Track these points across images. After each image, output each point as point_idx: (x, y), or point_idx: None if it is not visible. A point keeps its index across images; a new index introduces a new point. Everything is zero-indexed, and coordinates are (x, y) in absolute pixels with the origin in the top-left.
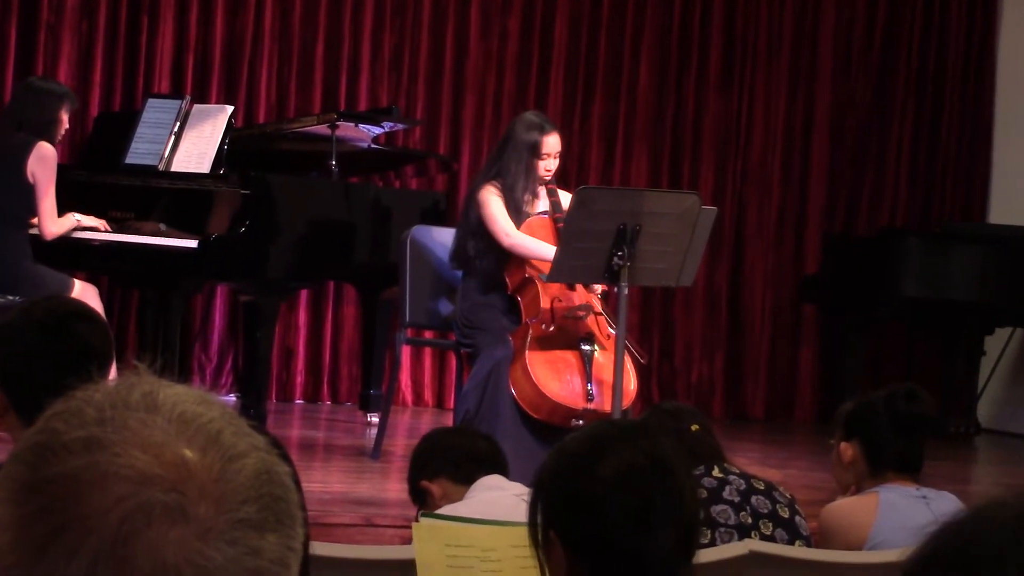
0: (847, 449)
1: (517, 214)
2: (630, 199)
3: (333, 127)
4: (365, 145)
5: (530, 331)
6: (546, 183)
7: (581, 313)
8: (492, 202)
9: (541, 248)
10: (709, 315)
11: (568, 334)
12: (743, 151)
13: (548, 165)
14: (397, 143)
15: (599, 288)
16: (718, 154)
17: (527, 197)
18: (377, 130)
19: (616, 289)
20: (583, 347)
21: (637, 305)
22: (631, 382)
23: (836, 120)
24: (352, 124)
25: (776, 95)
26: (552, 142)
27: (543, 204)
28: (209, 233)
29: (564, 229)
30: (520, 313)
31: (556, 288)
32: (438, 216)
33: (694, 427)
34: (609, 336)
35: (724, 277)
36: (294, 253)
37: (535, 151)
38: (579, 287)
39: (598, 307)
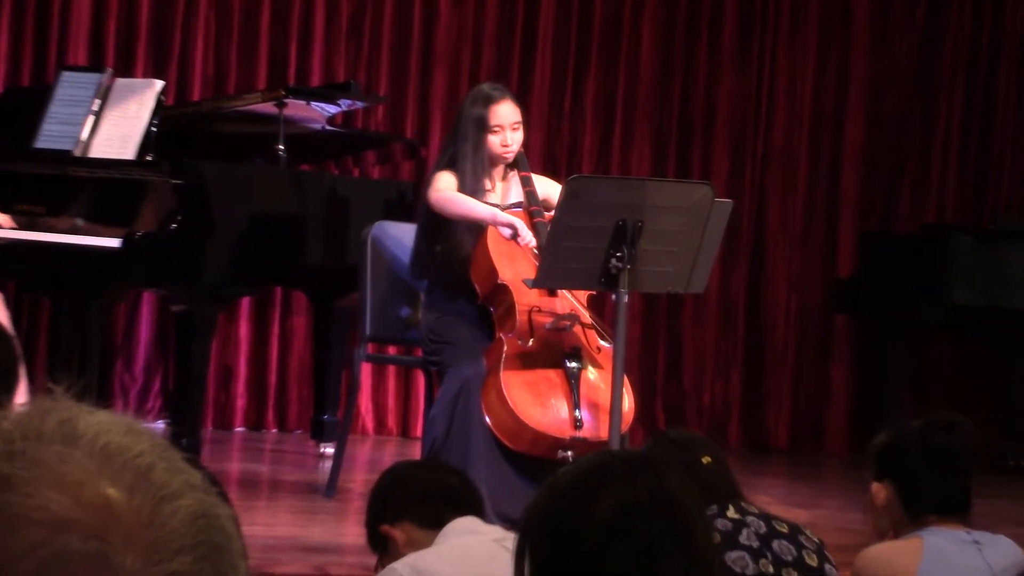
0: (880, 490)
1: (474, 227)
2: (630, 190)
3: (281, 106)
4: (319, 127)
5: (504, 347)
6: (519, 169)
7: (565, 324)
8: (441, 178)
9: (471, 204)
10: (724, 327)
11: (551, 350)
12: (764, 134)
13: (504, 139)
14: (356, 124)
15: (583, 293)
16: (734, 137)
17: (485, 183)
18: (333, 109)
19: (614, 297)
20: (568, 364)
21: (639, 315)
22: (627, 403)
23: (873, 98)
24: (303, 102)
25: (802, 68)
26: (503, 112)
27: (515, 194)
28: (134, 230)
29: (553, 226)
30: (493, 325)
31: (534, 295)
32: (404, 210)
33: (706, 459)
34: (600, 350)
35: (741, 282)
36: (234, 254)
37: (483, 125)
38: (561, 293)
39: (585, 316)
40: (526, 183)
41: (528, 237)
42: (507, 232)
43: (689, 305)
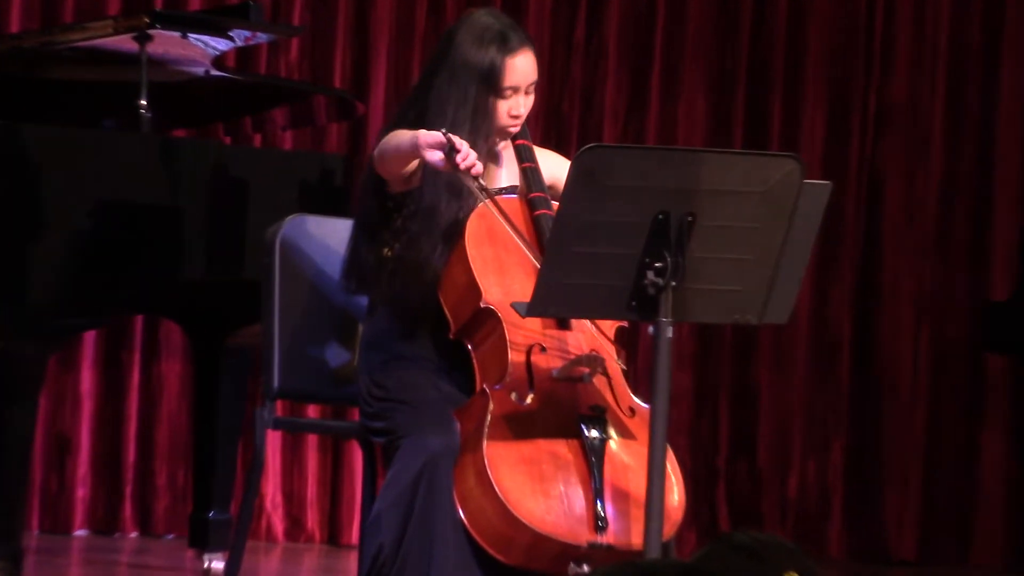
0: None
1: (453, 192)
2: (675, 167)
3: (143, 40)
4: (201, 72)
5: (491, 405)
6: (513, 139)
7: (583, 371)
8: (397, 131)
9: (396, 138)
10: (819, 374)
11: (560, 410)
12: (877, 83)
13: (515, 108)
14: (258, 68)
15: (612, 325)
16: (832, 88)
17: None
18: (222, 45)
19: (652, 330)
20: (587, 433)
21: (689, 357)
22: (674, 494)
23: None
24: (176, 34)
25: None
26: (522, 67)
27: (507, 175)
28: None
29: (556, 222)
30: (473, 372)
31: (537, 327)
32: (332, 197)
33: None
34: (634, 411)
35: (845, 307)
36: (70, 265)
37: (492, 83)
38: (578, 323)
39: (614, 360)
40: (524, 156)
41: (469, 153)
42: (436, 157)
43: (767, 341)
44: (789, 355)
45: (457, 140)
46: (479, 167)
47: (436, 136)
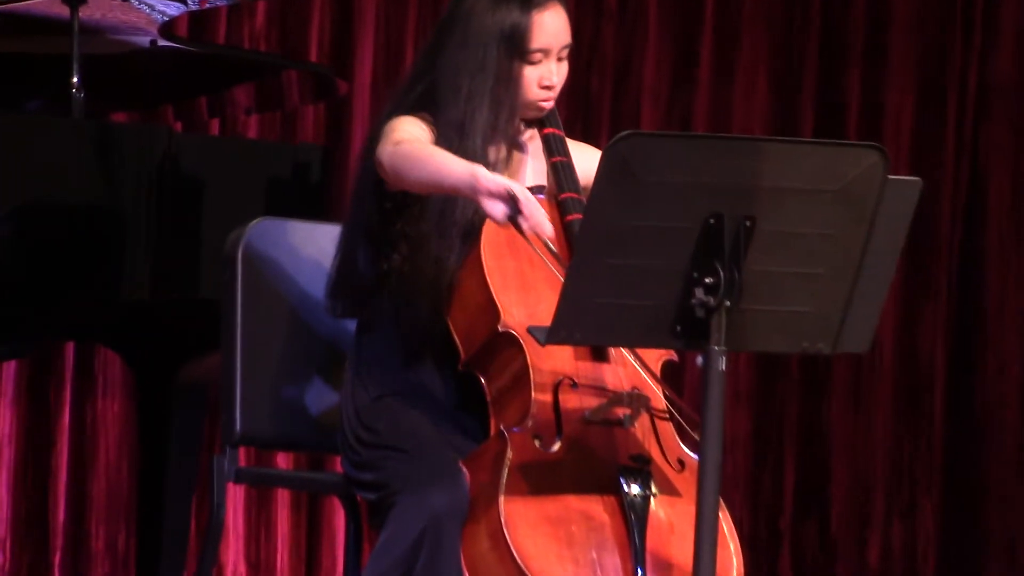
0: None
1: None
2: (731, 159)
3: (74, 3)
4: (146, 42)
5: (509, 452)
6: (540, 127)
7: (623, 413)
8: (404, 123)
9: (439, 160)
10: (906, 417)
11: (593, 460)
12: (978, 58)
13: (546, 76)
14: (216, 38)
15: (659, 358)
16: (922, 64)
17: (498, 147)
18: (172, 9)
19: (700, 360)
20: (627, 488)
21: (748, 396)
22: (731, 559)
23: None
24: None
25: None
26: (552, 25)
27: (533, 172)
28: None
29: (585, 228)
30: (487, 412)
31: (568, 359)
32: (306, 196)
33: None
34: (684, 464)
35: (939, 333)
36: None
37: (516, 44)
38: (617, 354)
39: (659, 399)
40: (555, 149)
41: (538, 218)
42: (498, 211)
43: (841, 377)
44: (869, 393)
45: (522, 196)
46: (549, 229)
47: (501, 184)
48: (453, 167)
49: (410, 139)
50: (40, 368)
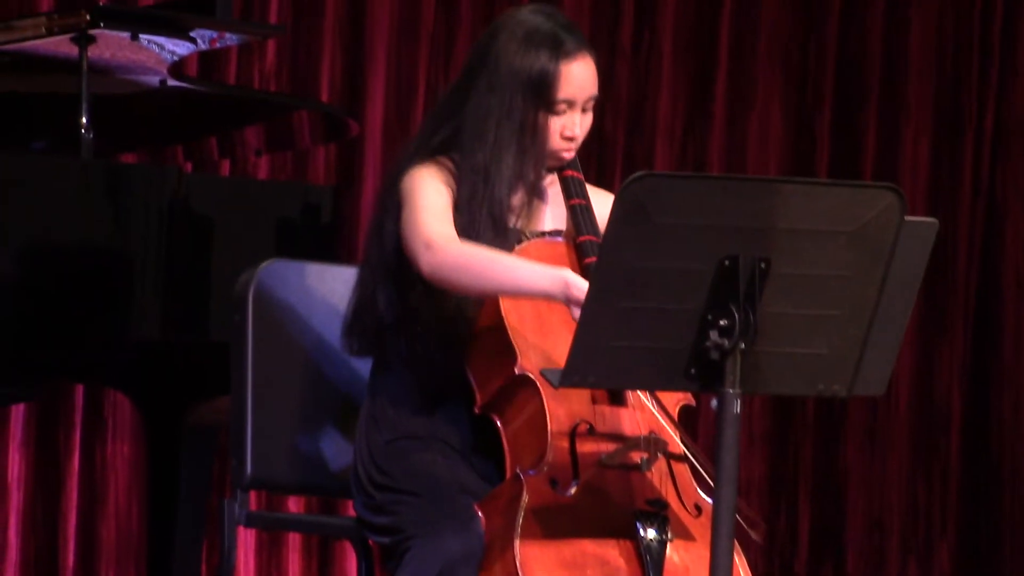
0: None
1: (498, 230)
2: (746, 200)
3: (83, 42)
4: (155, 82)
5: (524, 496)
6: (560, 170)
7: (640, 457)
8: (425, 184)
9: (505, 266)
10: (922, 458)
11: (610, 503)
12: (995, 96)
13: (569, 127)
14: (227, 78)
15: (676, 402)
16: (939, 101)
17: (519, 199)
18: (182, 49)
19: (714, 403)
20: (643, 533)
21: (763, 439)
22: None
23: None
24: (125, 35)
25: None
26: (580, 76)
27: (553, 216)
28: None
29: (599, 270)
30: (502, 455)
31: (584, 402)
32: (317, 237)
33: None
34: (701, 509)
35: (956, 375)
36: None
37: (543, 93)
38: (633, 397)
39: (676, 444)
40: (573, 191)
41: None
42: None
43: (857, 419)
44: (885, 435)
45: None
46: None
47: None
48: (537, 277)
49: (442, 236)
50: (49, 411)
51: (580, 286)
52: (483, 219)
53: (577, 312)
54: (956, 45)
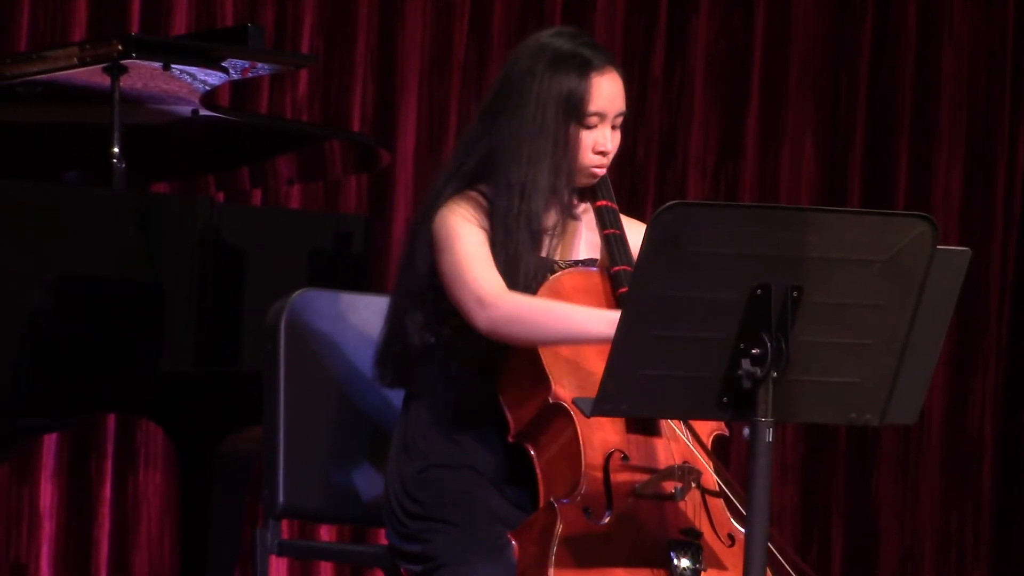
0: None
1: (535, 244)
2: (778, 229)
3: (115, 72)
4: (187, 112)
5: (558, 524)
6: (594, 200)
7: (673, 487)
8: (462, 231)
9: (568, 316)
10: (955, 488)
11: (644, 532)
12: None
13: (601, 142)
14: (258, 108)
15: (710, 432)
16: (971, 127)
17: (554, 221)
18: (214, 79)
19: (746, 431)
20: (677, 562)
21: (794, 467)
22: None
23: None
24: (157, 65)
25: None
26: (608, 90)
27: (587, 245)
28: None
29: (631, 299)
30: (535, 484)
31: (619, 431)
32: (349, 267)
33: None
34: (734, 540)
35: (989, 405)
36: (24, 353)
37: (574, 106)
38: (667, 427)
39: (710, 474)
40: (607, 221)
41: None
42: None
43: (889, 449)
44: (917, 465)
45: None
46: None
47: None
48: (592, 322)
49: (498, 293)
50: (82, 440)
51: None
52: (521, 234)
53: None
54: (988, 76)
